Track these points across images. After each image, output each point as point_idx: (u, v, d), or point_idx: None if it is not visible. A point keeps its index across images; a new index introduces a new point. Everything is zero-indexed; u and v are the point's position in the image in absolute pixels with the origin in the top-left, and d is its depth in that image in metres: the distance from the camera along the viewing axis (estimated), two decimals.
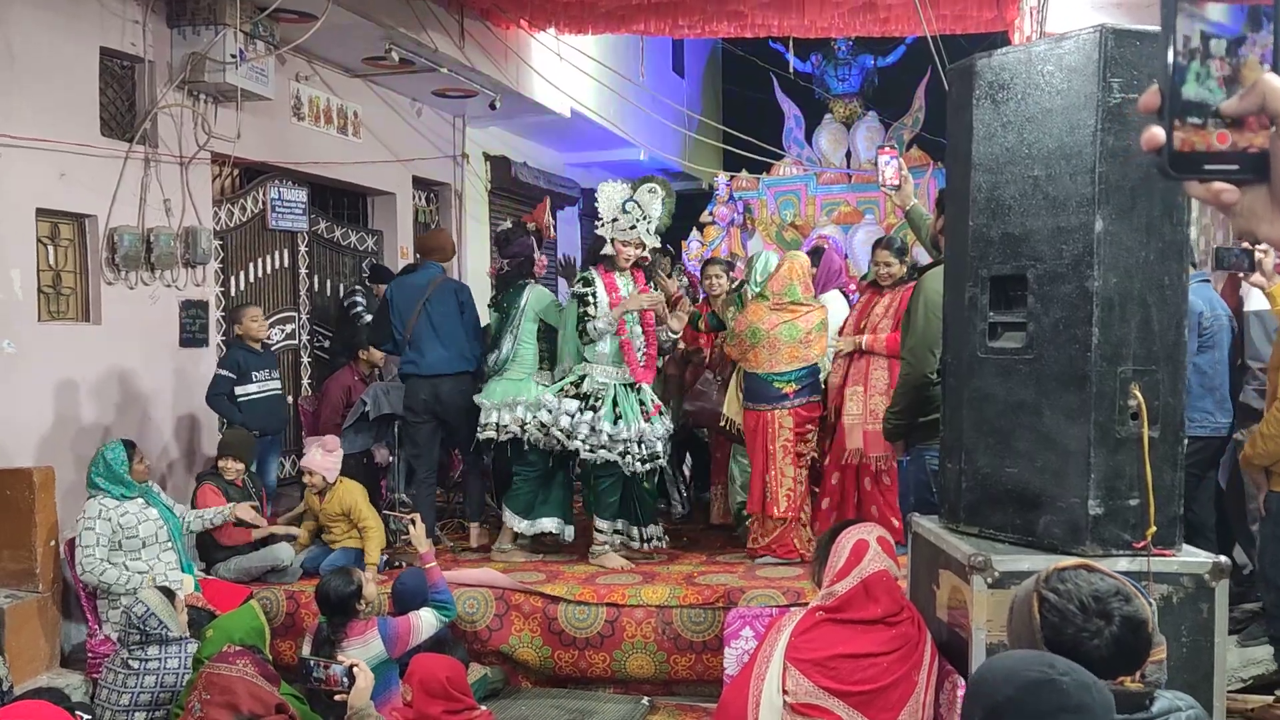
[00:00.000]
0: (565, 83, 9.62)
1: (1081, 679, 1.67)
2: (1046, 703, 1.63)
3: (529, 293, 5.72)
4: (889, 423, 4.31)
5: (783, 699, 2.91)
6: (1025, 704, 1.65)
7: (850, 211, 11.38)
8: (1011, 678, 1.68)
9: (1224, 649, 2.82)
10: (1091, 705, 1.64)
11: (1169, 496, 2.88)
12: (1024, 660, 1.73)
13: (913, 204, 4.49)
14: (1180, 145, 0.88)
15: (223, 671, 3.10)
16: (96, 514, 4.72)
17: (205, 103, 6.58)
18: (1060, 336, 2.88)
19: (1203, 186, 0.90)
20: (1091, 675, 1.71)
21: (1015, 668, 1.70)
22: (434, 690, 3.25)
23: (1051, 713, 1.63)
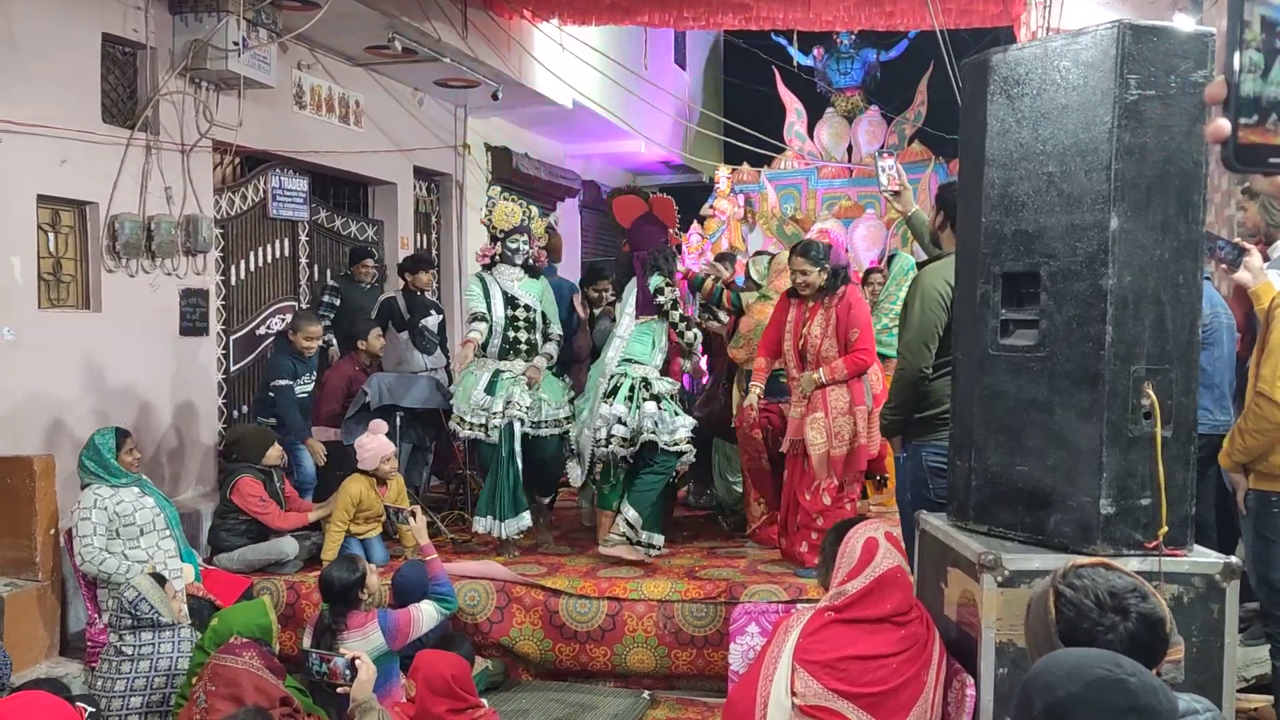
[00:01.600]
0: (567, 74, 9.59)
1: (1149, 681, 1.63)
2: (1113, 702, 1.59)
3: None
4: (885, 419, 4.29)
5: (791, 700, 2.89)
6: (1091, 701, 1.60)
7: (851, 206, 11.36)
8: (1076, 674, 1.64)
9: (1234, 650, 2.80)
10: (1159, 708, 1.60)
11: (1181, 496, 2.87)
12: (1089, 657, 1.69)
13: (914, 210, 4.44)
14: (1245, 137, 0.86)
15: (228, 663, 3.08)
16: (92, 503, 4.70)
17: (207, 90, 6.55)
18: (1073, 334, 2.85)
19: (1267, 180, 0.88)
20: (1158, 680, 1.67)
21: (1080, 664, 1.66)
22: (438, 688, 3.23)
23: (1119, 712, 1.59)
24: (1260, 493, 3.47)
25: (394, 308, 7.14)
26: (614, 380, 5.36)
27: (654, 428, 5.20)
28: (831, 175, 11.55)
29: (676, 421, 5.29)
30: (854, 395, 4.96)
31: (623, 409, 5.23)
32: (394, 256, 8.76)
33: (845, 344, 4.95)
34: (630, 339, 5.45)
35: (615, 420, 5.22)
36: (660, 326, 5.50)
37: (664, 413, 5.27)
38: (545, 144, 11.71)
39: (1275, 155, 0.87)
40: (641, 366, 5.39)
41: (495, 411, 5.45)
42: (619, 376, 5.36)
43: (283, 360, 6.01)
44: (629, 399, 5.27)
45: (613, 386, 5.34)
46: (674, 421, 5.28)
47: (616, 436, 5.22)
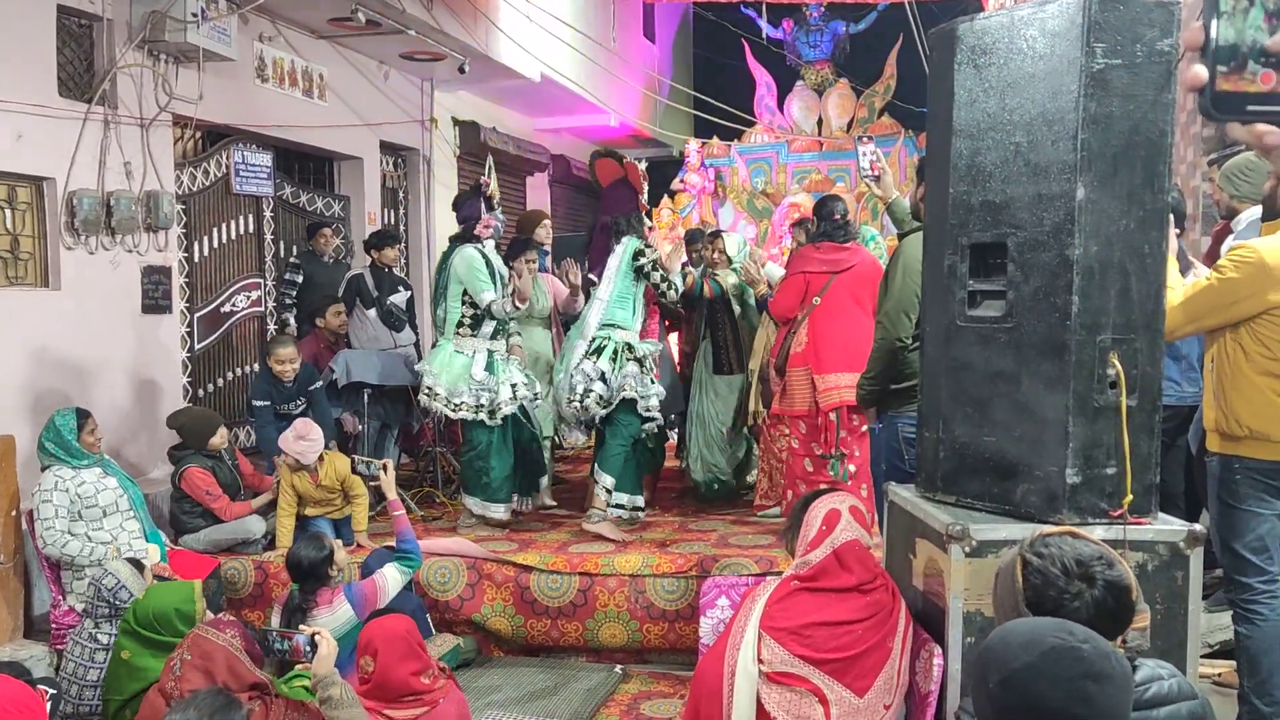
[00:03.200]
0: (535, 47, 9.49)
1: (1101, 647, 1.64)
2: (1068, 669, 1.60)
3: (455, 255, 5.58)
4: (862, 388, 4.29)
5: (758, 668, 2.91)
6: (1045, 670, 1.61)
7: (821, 179, 11.36)
8: (1030, 645, 1.64)
9: (1198, 616, 2.84)
10: (1112, 673, 1.61)
11: (1145, 465, 2.89)
12: (1041, 627, 1.69)
13: (894, 197, 4.41)
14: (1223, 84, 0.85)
15: (210, 637, 3.05)
16: (53, 485, 4.63)
17: (166, 63, 6.42)
18: (1040, 305, 2.86)
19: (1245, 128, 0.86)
20: (1110, 644, 1.68)
21: (1033, 634, 1.67)
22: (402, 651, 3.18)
23: (1075, 679, 1.60)
24: (1223, 457, 3.50)
25: (361, 285, 7.06)
26: (597, 342, 5.32)
27: (633, 385, 5.22)
28: (802, 149, 11.55)
29: (651, 389, 5.32)
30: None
31: (607, 366, 5.22)
32: (361, 232, 8.65)
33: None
34: (611, 302, 5.39)
35: (597, 377, 5.20)
36: (639, 289, 5.47)
37: (645, 375, 5.32)
38: (513, 118, 11.61)
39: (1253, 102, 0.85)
40: (624, 331, 5.37)
41: (499, 394, 5.40)
42: (602, 339, 5.33)
43: (259, 383, 5.97)
44: (613, 359, 5.26)
45: (596, 347, 5.31)
46: (649, 388, 5.32)
47: (594, 393, 5.20)
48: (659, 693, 4.52)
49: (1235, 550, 3.47)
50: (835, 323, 5.18)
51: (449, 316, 5.59)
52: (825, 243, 5.32)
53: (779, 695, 2.87)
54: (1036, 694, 1.61)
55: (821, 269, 5.26)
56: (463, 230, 5.70)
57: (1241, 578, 3.48)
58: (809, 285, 5.27)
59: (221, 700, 2.53)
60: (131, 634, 3.47)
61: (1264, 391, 3.33)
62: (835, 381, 5.15)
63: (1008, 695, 1.64)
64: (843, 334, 5.14)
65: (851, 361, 5.07)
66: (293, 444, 5.22)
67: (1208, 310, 3.34)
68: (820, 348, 5.18)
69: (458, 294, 5.54)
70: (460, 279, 5.50)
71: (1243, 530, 3.44)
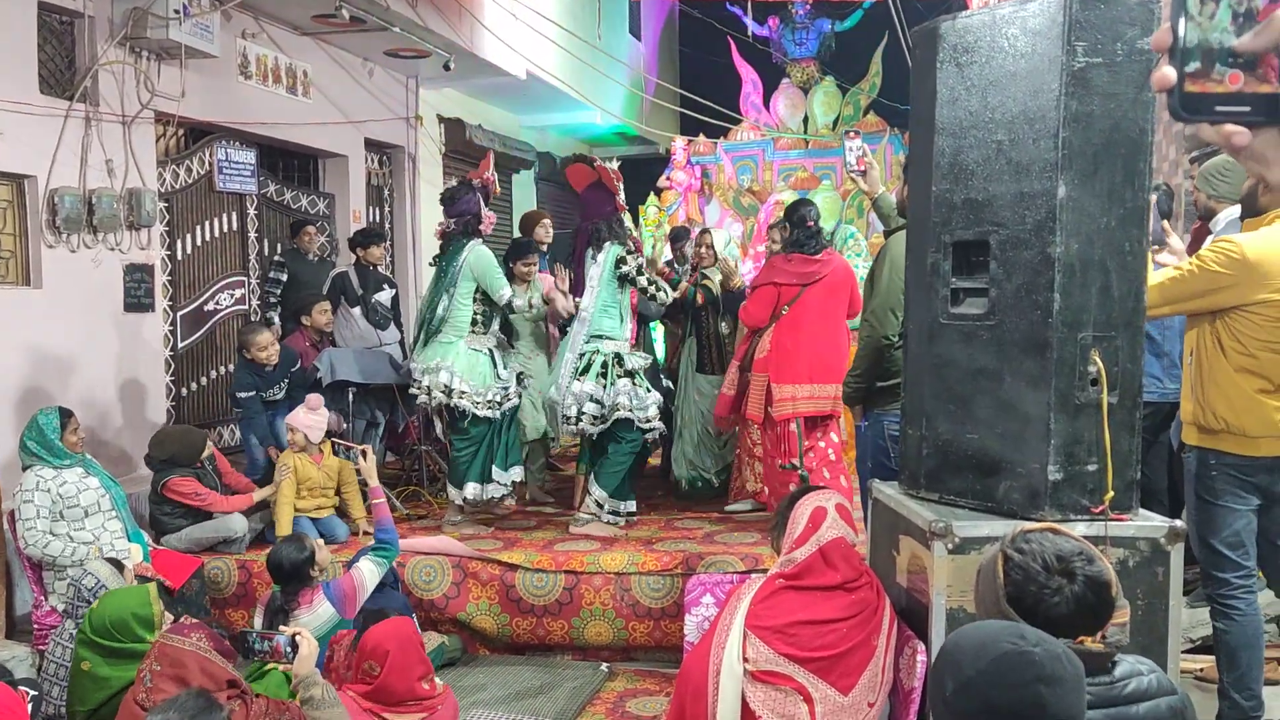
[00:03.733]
0: (521, 44, 9.47)
1: (1052, 649, 1.65)
2: (1020, 675, 1.62)
3: (469, 251, 5.48)
4: (848, 386, 4.30)
5: (743, 667, 2.91)
6: (999, 676, 1.63)
7: (807, 177, 11.36)
8: (983, 651, 1.66)
9: (1179, 612, 2.85)
10: (1064, 675, 1.63)
11: (1126, 462, 2.90)
12: (994, 632, 1.71)
13: (880, 192, 4.41)
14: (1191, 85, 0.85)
15: (175, 644, 3.02)
16: (34, 485, 4.60)
17: (148, 60, 6.38)
18: (1022, 303, 2.87)
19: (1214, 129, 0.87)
20: (1062, 645, 1.69)
21: (986, 640, 1.68)
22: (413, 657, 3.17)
23: (1026, 684, 1.61)
24: (1200, 451, 3.52)
25: (346, 283, 7.04)
26: (585, 358, 5.31)
27: (629, 404, 5.21)
28: (788, 146, 11.55)
29: (648, 398, 5.30)
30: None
31: (595, 387, 5.21)
32: (346, 230, 8.62)
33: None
34: (596, 313, 5.35)
35: (588, 398, 5.21)
36: (624, 296, 5.44)
37: (638, 389, 5.27)
38: (499, 115, 11.58)
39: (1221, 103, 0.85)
40: (612, 342, 5.36)
41: (510, 388, 5.52)
42: (590, 354, 5.31)
43: (241, 375, 5.92)
44: (602, 375, 5.24)
45: (585, 364, 5.30)
46: (646, 398, 5.28)
47: (588, 415, 5.22)
48: (644, 690, 4.52)
49: (1212, 545, 3.49)
50: (798, 335, 5.20)
51: (457, 314, 5.48)
52: (796, 254, 5.25)
53: (764, 694, 2.88)
54: (990, 700, 1.63)
55: (791, 281, 5.24)
56: (465, 226, 5.55)
57: (1218, 573, 3.50)
58: (780, 296, 5.26)
59: (203, 702, 2.52)
60: (89, 644, 3.42)
61: (1240, 388, 3.36)
62: (791, 393, 5.19)
63: (963, 702, 1.66)
64: (806, 346, 5.19)
65: (813, 374, 5.20)
66: (304, 419, 5.27)
67: (1184, 296, 3.36)
68: (780, 359, 5.21)
69: (469, 292, 5.47)
70: (477, 277, 5.44)
71: (1219, 526, 3.46)
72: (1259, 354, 3.33)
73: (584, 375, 5.27)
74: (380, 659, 3.14)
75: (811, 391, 5.23)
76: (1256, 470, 3.42)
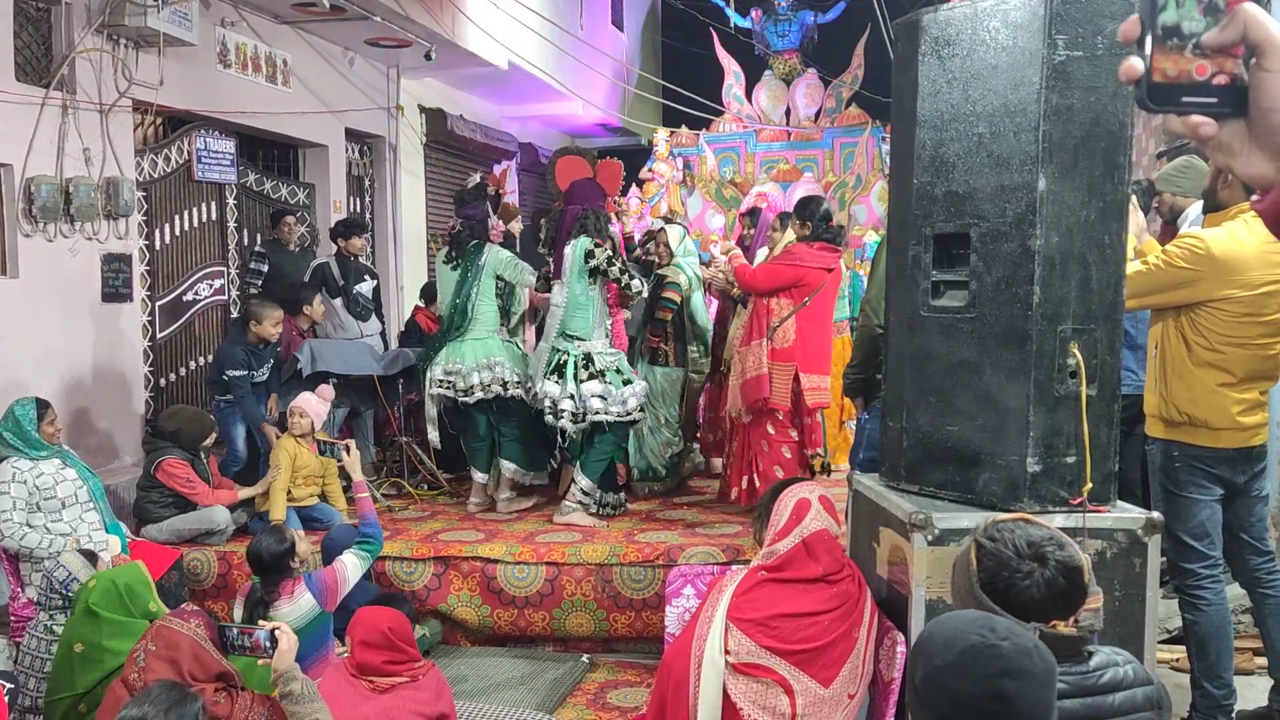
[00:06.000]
0: (503, 34, 9.43)
1: (1022, 644, 1.65)
2: (986, 668, 1.61)
3: (488, 252, 5.64)
4: (848, 378, 4.34)
5: (725, 659, 2.92)
6: (964, 669, 1.63)
7: (789, 169, 11.36)
8: (952, 642, 1.66)
9: (1155, 602, 2.88)
10: (1032, 670, 1.63)
11: (1105, 454, 2.93)
12: (965, 623, 1.71)
13: None
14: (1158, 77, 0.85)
15: (174, 627, 3.01)
16: (10, 477, 4.56)
17: (126, 48, 6.32)
18: (1002, 295, 2.88)
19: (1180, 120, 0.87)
20: (1034, 640, 1.69)
21: (956, 631, 1.68)
22: (374, 641, 3.19)
23: (992, 677, 1.61)
24: (1164, 443, 3.56)
25: (327, 273, 7.00)
26: (556, 357, 5.33)
27: (601, 406, 5.22)
28: (770, 138, 11.54)
29: (626, 391, 5.29)
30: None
31: (566, 388, 5.24)
32: (326, 220, 8.58)
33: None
34: (566, 310, 5.35)
35: (564, 396, 5.25)
36: (596, 291, 5.43)
37: (610, 386, 5.27)
38: (481, 105, 11.53)
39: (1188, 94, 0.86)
40: (583, 342, 5.35)
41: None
42: (561, 354, 5.33)
43: (234, 351, 5.83)
44: (574, 379, 5.26)
45: (556, 363, 5.32)
46: (623, 392, 5.28)
47: (566, 412, 5.26)
48: (625, 682, 4.53)
49: (1178, 537, 3.53)
50: (820, 326, 5.27)
51: (484, 311, 5.62)
52: (820, 243, 5.23)
53: (745, 686, 2.89)
54: (956, 691, 1.63)
55: (818, 265, 5.19)
56: (472, 229, 5.69)
57: (1185, 564, 3.55)
58: (803, 281, 5.18)
59: (177, 694, 2.50)
60: (91, 618, 3.41)
61: (1203, 381, 3.40)
62: (819, 383, 5.24)
63: (930, 691, 1.66)
64: (823, 337, 5.33)
65: (826, 364, 5.35)
66: (314, 405, 5.32)
67: (1150, 290, 3.40)
68: (806, 349, 5.19)
69: (491, 289, 5.64)
70: (502, 274, 5.64)
71: (1185, 517, 3.50)
72: (1223, 349, 3.36)
73: (554, 375, 5.31)
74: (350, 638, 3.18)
75: (822, 383, 5.28)
76: (1219, 462, 3.46)
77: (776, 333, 5.24)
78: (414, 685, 3.16)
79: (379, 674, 3.13)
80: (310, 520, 5.33)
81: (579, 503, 5.38)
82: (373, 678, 3.12)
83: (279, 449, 5.32)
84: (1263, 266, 3.30)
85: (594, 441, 5.38)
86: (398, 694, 3.11)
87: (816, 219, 5.31)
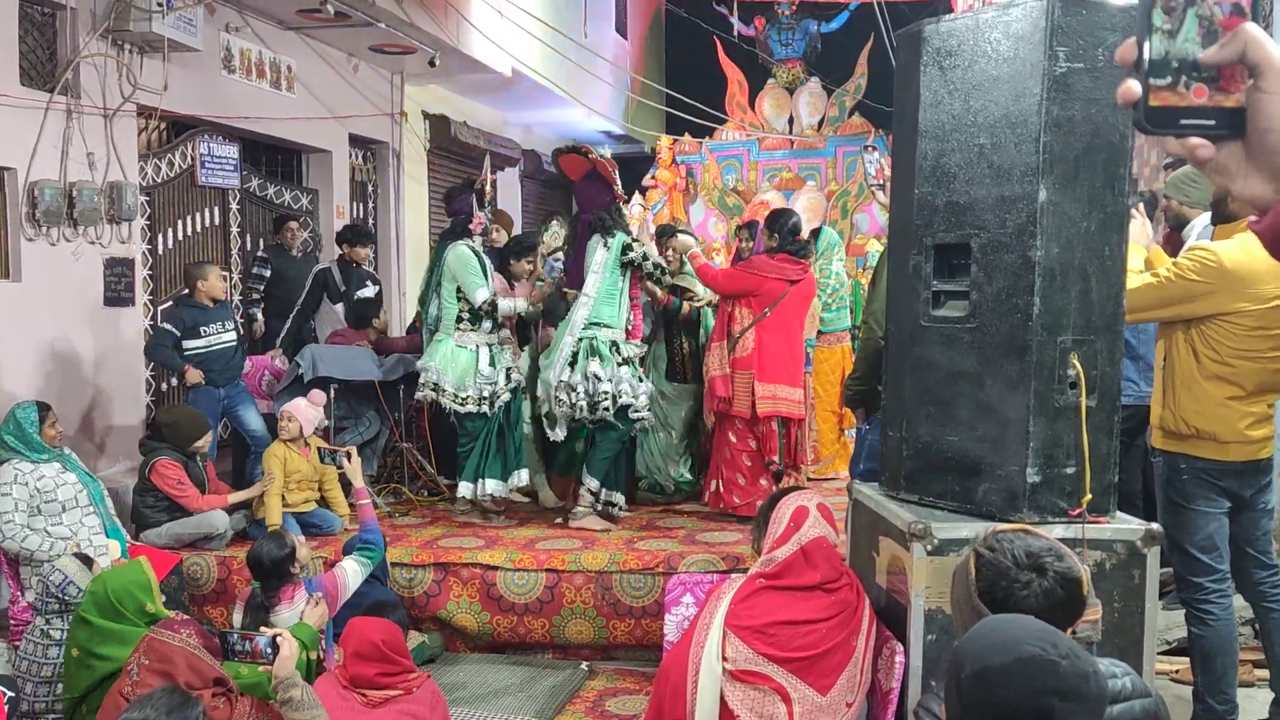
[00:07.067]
0: (506, 41, 9.45)
1: (1081, 666, 1.57)
2: (1039, 681, 1.55)
3: (449, 251, 5.56)
4: (849, 389, 4.35)
5: (722, 666, 2.92)
6: (1016, 676, 1.56)
7: (792, 178, 11.39)
8: (1009, 647, 1.59)
9: (1155, 614, 2.88)
10: (1085, 693, 1.56)
11: (1104, 465, 2.93)
12: (1026, 631, 1.63)
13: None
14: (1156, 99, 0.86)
15: (165, 639, 3.01)
16: (12, 479, 4.56)
17: (130, 53, 6.33)
18: (1002, 306, 2.89)
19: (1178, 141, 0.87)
20: (1094, 664, 1.62)
21: (1015, 637, 1.61)
22: (367, 654, 3.19)
23: (1043, 693, 1.54)
24: (1169, 456, 3.54)
25: (329, 278, 7.01)
26: (585, 343, 5.27)
27: (630, 391, 5.21)
28: (773, 147, 11.57)
29: (640, 388, 5.31)
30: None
31: (599, 370, 5.18)
32: (329, 226, 8.59)
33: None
34: (598, 299, 5.32)
35: (592, 379, 5.17)
36: (625, 285, 5.42)
37: (634, 376, 5.30)
38: (484, 112, 11.55)
39: (1187, 116, 0.86)
40: (610, 330, 5.34)
41: (499, 384, 5.50)
42: (589, 339, 5.27)
43: (177, 311, 5.84)
44: (601, 362, 5.22)
45: (585, 349, 5.26)
46: (639, 388, 5.30)
47: (584, 401, 5.17)
48: (624, 689, 4.52)
49: (1185, 550, 3.51)
50: (780, 336, 5.40)
51: (445, 312, 5.58)
52: (781, 255, 5.44)
53: (742, 693, 2.88)
54: (1002, 699, 1.57)
55: (776, 275, 5.39)
56: (454, 225, 5.67)
57: (1193, 577, 3.52)
58: (761, 289, 5.37)
59: (178, 699, 2.50)
60: (84, 624, 3.41)
61: (1212, 394, 3.38)
62: (773, 392, 5.37)
63: (975, 691, 1.59)
64: (785, 348, 5.42)
65: (791, 375, 5.44)
66: (304, 410, 5.31)
67: (1160, 303, 3.38)
68: (764, 358, 5.36)
69: (452, 290, 5.54)
70: (455, 276, 5.50)
71: (1191, 529, 3.48)
72: (1234, 362, 3.35)
73: (593, 357, 5.22)
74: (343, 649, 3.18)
75: (789, 394, 5.43)
76: (1226, 475, 3.45)
77: (738, 342, 5.40)
78: (408, 698, 3.14)
79: (372, 686, 3.12)
80: (310, 526, 5.33)
81: (589, 505, 5.37)
82: (365, 690, 3.11)
83: (269, 455, 5.32)
84: (1275, 280, 3.29)
85: (596, 440, 5.36)
86: (391, 707, 3.09)
87: (784, 231, 5.50)
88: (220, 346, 5.86)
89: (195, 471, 5.27)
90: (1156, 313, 3.44)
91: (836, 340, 6.64)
